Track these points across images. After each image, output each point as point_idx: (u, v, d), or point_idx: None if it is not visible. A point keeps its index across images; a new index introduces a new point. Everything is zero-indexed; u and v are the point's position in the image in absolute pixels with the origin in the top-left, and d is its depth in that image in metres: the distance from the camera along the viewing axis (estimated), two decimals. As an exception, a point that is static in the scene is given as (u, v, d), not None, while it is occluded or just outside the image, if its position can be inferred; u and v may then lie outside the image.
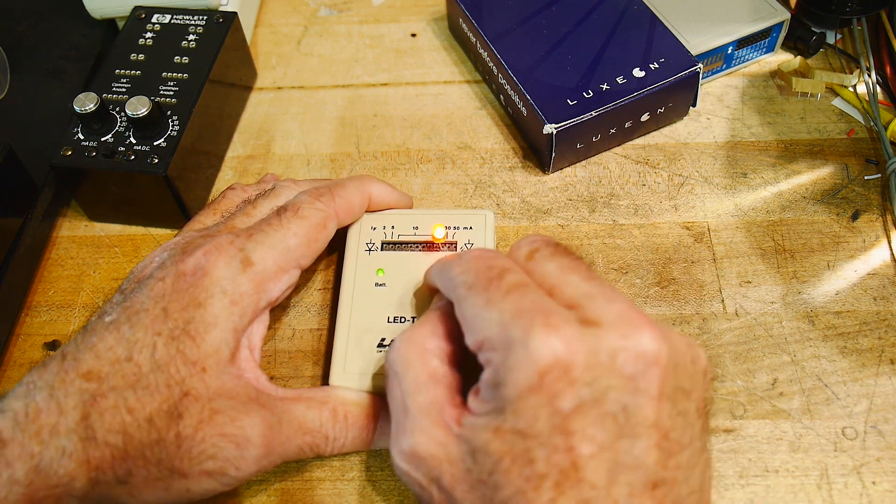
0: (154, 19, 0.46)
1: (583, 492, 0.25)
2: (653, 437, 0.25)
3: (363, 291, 0.36)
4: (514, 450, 0.25)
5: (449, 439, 0.27)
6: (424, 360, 0.29)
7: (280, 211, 0.34)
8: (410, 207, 0.39)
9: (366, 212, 0.39)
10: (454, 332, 0.30)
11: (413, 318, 0.35)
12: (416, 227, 0.38)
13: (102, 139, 0.40)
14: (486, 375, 0.27)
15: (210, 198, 0.44)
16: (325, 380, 0.35)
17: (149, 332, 0.29)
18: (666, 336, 0.26)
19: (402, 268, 0.37)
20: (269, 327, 0.39)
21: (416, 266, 0.36)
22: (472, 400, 0.28)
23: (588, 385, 0.25)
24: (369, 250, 0.37)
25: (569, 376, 0.25)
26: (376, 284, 0.36)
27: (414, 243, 0.37)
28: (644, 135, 0.45)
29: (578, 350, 0.25)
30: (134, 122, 0.39)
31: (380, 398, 0.33)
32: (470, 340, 0.28)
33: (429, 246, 0.37)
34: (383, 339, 0.35)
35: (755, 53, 0.48)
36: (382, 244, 0.37)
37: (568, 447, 0.25)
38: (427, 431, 0.28)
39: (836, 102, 0.46)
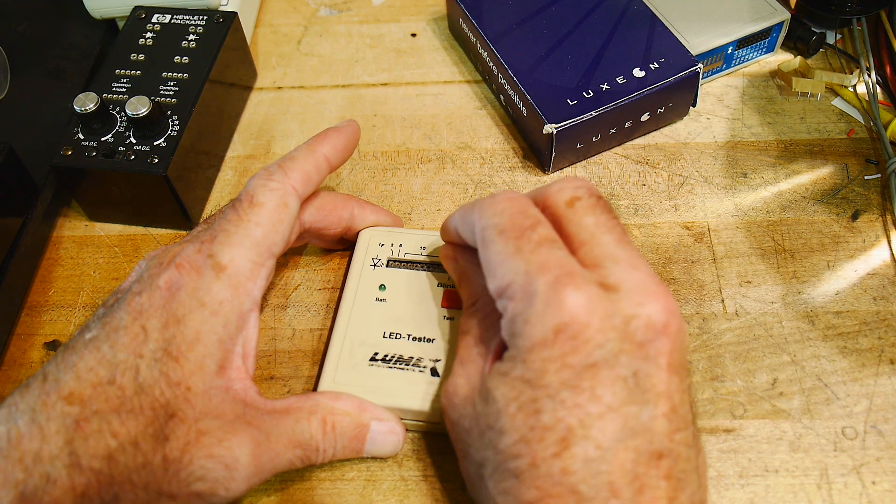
0: (154, 19, 0.46)
1: (588, 451, 0.25)
2: (661, 407, 0.26)
3: (363, 305, 0.36)
4: (521, 397, 0.26)
5: (478, 382, 0.29)
6: (481, 321, 0.31)
7: (235, 204, 0.32)
8: (358, 137, 0.37)
9: (376, 225, 0.39)
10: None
11: (409, 335, 0.35)
12: (424, 248, 0.38)
13: (102, 139, 0.40)
14: (503, 323, 0.28)
15: (209, 197, 0.44)
16: (317, 384, 0.34)
17: (130, 354, 0.29)
18: (677, 313, 0.27)
19: (404, 286, 0.37)
20: (270, 327, 0.39)
21: (419, 285, 0.37)
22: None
23: (600, 346, 0.26)
24: (374, 266, 0.37)
25: (583, 336, 0.26)
26: (377, 300, 0.36)
27: (419, 263, 0.37)
28: (644, 135, 0.45)
29: (595, 312, 0.26)
30: (134, 122, 0.39)
31: (369, 405, 0.33)
32: (492, 285, 0.28)
33: (437, 266, 0.37)
34: (376, 353, 0.35)
35: (755, 53, 0.48)
36: (388, 261, 0.37)
37: (576, 404, 0.25)
38: (467, 376, 0.30)
39: (836, 102, 0.46)
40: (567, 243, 0.29)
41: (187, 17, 0.45)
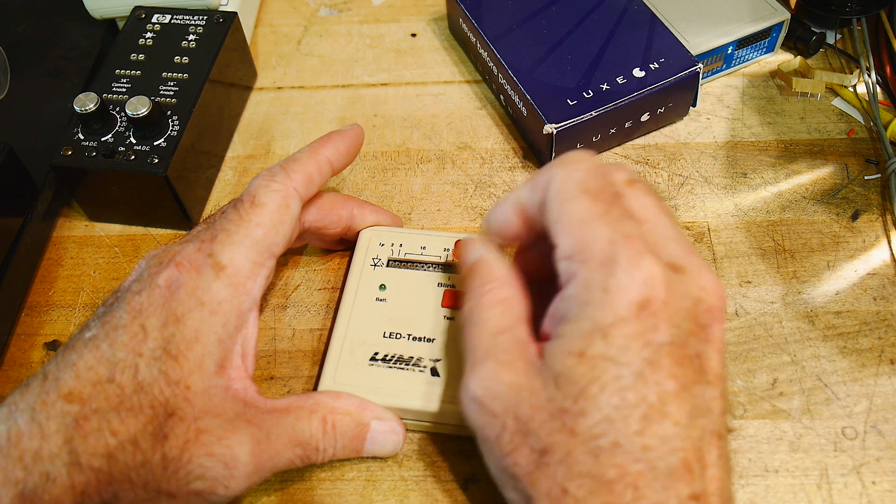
0: (154, 19, 0.46)
1: (666, 428, 0.25)
2: (718, 388, 0.27)
3: (363, 304, 0.36)
4: (605, 376, 0.26)
5: (531, 370, 0.28)
6: (503, 307, 0.30)
7: (237, 203, 0.32)
8: (361, 141, 0.37)
9: (376, 225, 0.39)
10: (525, 289, 0.31)
11: (409, 335, 0.35)
12: (424, 248, 0.38)
13: (102, 139, 0.40)
14: (569, 290, 0.27)
15: (209, 197, 0.44)
16: (317, 383, 0.34)
17: (130, 353, 0.29)
18: (725, 300, 0.28)
19: (404, 286, 0.37)
20: (270, 327, 0.39)
21: (419, 285, 0.37)
22: (547, 322, 0.28)
23: (676, 326, 0.26)
24: (374, 265, 0.37)
25: (663, 313, 0.26)
26: (377, 299, 0.36)
27: (420, 263, 0.37)
28: (644, 135, 0.45)
29: (672, 291, 0.26)
30: (134, 122, 0.39)
31: (370, 405, 0.33)
32: (565, 242, 0.28)
33: (440, 266, 0.37)
34: (376, 353, 0.34)
35: (755, 53, 0.48)
36: (388, 261, 0.37)
37: (656, 381, 0.25)
38: (508, 363, 0.28)
39: (836, 102, 0.46)
40: None
41: (187, 17, 0.45)
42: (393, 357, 0.34)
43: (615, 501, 0.25)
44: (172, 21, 0.45)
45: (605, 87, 0.42)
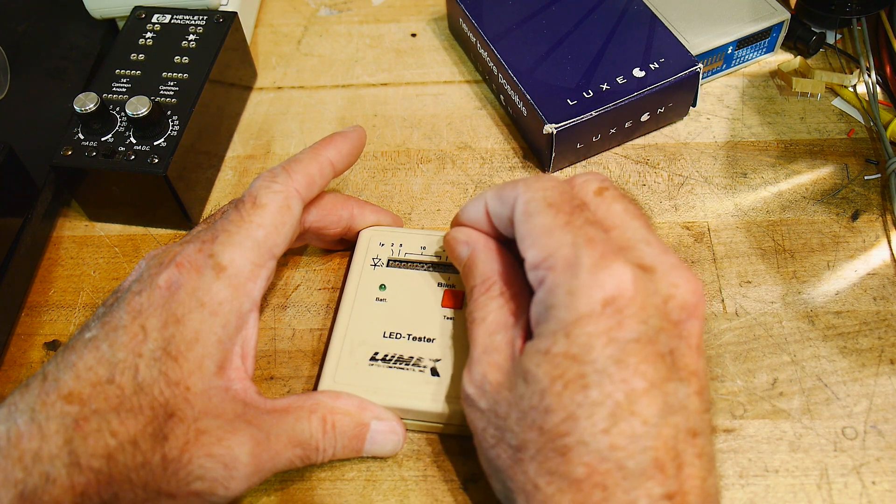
0: (154, 19, 0.46)
1: (635, 426, 0.25)
2: (694, 385, 0.27)
3: (363, 304, 0.36)
4: (567, 374, 0.26)
5: (510, 366, 0.28)
6: (500, 302, 0.31)
7: (238, 204, 0.32)
8: (363, 143, 0.37)
9: (376, 225, 0.39)
10: (523, 280, 0.31)
11: (409, 335, 0.35)
12: (424, 248, 0.38)
13: (102, 139, 0.40)
14: (539, 295, 0.28)
15: (209, 198, 0.44)
16: (317, 383, 0.34)
17: (130, 354, 0.29)
18: (704, 297, 0.28)
19: (404, 286, 0.37)
20: (270, 327, 0.39)
21: (419, 285, 0.37)
22: (531, 322, 0.29)
23: (643, 322, 0.26)
24: (374, 265, 0.37)
25: (628, 310, 0.26)
26: (377, 299, 0.36)
27: (420, 263, 0.37)
28: (644, 135, 0.45)
29: (640, 288, 0.26)
30: (134, 122, 0.39)
31: (370, 405, 0.33)
32: (531, 255, 0.28)
33: (438, 266, 0.37)
34: (376, 353, 0.35)
35: (755, 53, 0.48)
36: (388, 261, 0.37)
37: (622, 379, 0.25)
38: (497, 363, 0.29)
39: (836, 102, 0.46)
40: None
41: (187, 17, 0.45)
42: (393, 357, 0.34)
43: (584, 500, 0.25)
44: (172, 21, 0.45)
45: (605, 87, 0.42)
